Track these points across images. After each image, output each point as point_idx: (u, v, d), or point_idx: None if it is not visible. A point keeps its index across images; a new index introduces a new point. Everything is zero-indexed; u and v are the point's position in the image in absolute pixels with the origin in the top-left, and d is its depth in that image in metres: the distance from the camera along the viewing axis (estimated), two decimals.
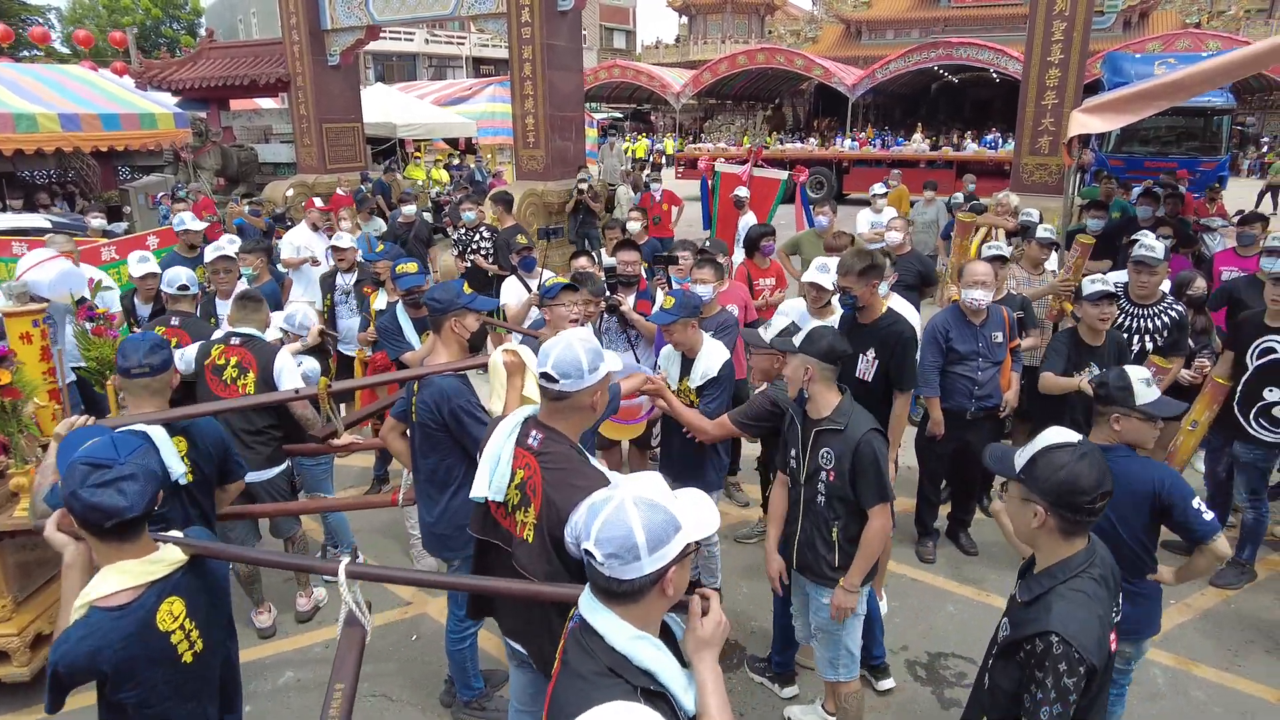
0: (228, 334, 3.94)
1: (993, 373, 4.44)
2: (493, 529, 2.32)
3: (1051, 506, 1.91)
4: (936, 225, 9.35)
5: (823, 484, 2.93)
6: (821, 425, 2.91)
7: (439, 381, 3.04)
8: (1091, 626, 1.86)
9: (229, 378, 3.85)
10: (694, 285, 4.36)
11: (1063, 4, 8.72)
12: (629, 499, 1.45)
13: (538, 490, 2.15)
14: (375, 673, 3.83)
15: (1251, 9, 32.06)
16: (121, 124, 12.01)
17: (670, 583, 1.47)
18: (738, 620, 4.17)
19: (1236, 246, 6.14)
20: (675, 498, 1.53)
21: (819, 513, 2.97)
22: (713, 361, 3.75)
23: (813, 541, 3.00)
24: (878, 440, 2.85)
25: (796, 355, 2.91)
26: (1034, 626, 1.90)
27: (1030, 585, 2.01)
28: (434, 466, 3.14)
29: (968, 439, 4.52)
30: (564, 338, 2.16)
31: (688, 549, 1.48)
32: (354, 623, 1.93)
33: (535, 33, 11.22)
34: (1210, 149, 14.41)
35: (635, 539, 1.41)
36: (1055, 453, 1.93)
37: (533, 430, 2.25)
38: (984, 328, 4.41)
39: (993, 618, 4.15)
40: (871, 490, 2.84)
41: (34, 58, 22.71)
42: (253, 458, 3.87)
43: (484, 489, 2.27)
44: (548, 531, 2.11)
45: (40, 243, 7.09)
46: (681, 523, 1.46)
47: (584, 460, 2.19)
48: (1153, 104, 5.88)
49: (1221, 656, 3.83)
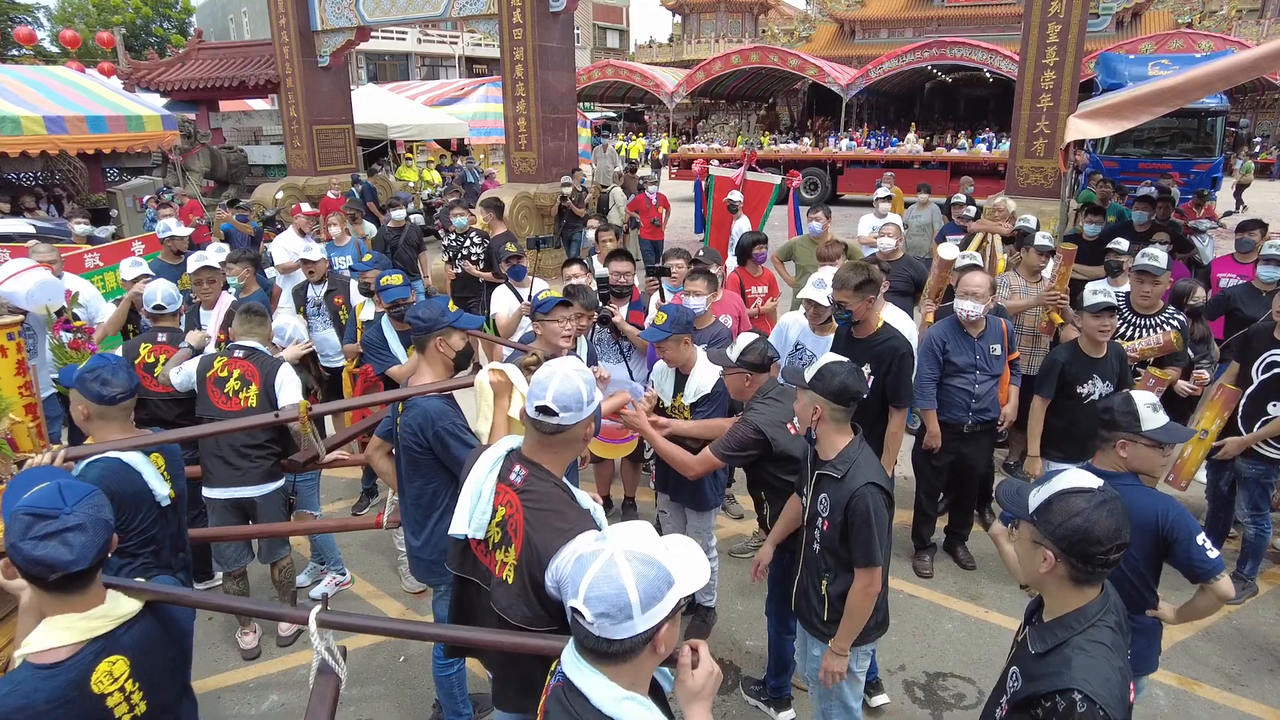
0: (231, 346, 3.90)
1: (990, 385, 4.37)
2: (471, 566, 2.22)
3: (1063, 554, 1.81)
4: (931, 229, 9.26)
5: (819, 531, 2.77)
6: (823, 469, 2.73)
7: (423, 403, 2.95)
8: (1114, 682, 1.75)
9: (231, 390, 3.80)
10: (686, 297, 4.28)
11: (1058, 6, 8.67)
12: (620, 554, 1.36)
13: (519, 530, 2.05)
14: (362, 695, 3.74)
15: (1243, 9, 32.15)
16: (108, 126, 11.90)
17: (662, 640, 1.39)
18: (732, 640, 4.09)
19: (1235, 253, 6.08)
20: (666, 549, 1.44)
21: (814, 561, 2.82)
22: (706, 378, 3.68)
23: (806, 590, 2.87)
24: (875, 497, 2.60)
25: (806, 392, 2.72)
26: (1053, 682, 1.78)
27: (1043, 635, 1.89)
28: (420, 490, 3.05)
29: (965, 451, 4.46)
30: (560, 369, 2.04)
31: (680, 604, 1.40)
32: (327, 670, 1.83)
33: (527, 34, 11.13)
34: (1204, 151, 14.39)
35: (628, 597, 1.32)
36: (1072, 498, 1.81)
37: (516, 465, 2.14)
38: (982, 340, 4.33)
39: (993, 636, 4.13)
40: (860, 549, 2.63)
41: (21, 58, 22.51)
42: (251, 472, 3.80)
43: (464, 525, 2.16)
44: (528, 574, 2.01)
45: (23, 250, 7.01)
46: (675, 577, 1.38)
47: (569, 499, 2.09)
48: (1151, 109, 5.82)
49: (1223, 676, 3.77)
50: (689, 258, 5.22)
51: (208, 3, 46.10)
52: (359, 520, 3.91)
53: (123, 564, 2.73)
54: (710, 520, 3.96)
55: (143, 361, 4.14)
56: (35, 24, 35.30)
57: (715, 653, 3.88)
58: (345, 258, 7.76)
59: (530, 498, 2.06)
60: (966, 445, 4.44)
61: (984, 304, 4.23)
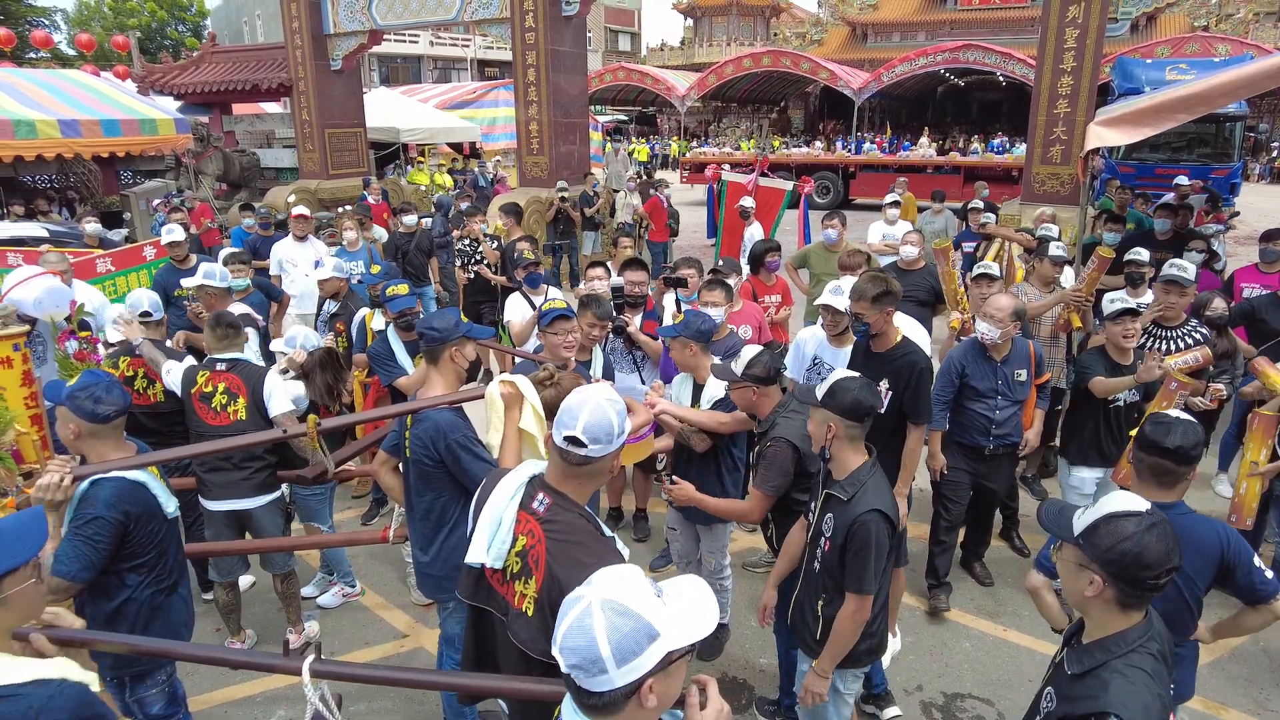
0: (211, 360, 3.78)
1: (1013, 411, 4.16)
2: (486, 595, 2.14)
3: (1111, 578, 1.76)
4: (946, 235, 9.15)
5: (820, 550, 2.71)
6: (832, 489, 2.67)
7: (434, 416, 2.89)
8: (1154, 710, 1.70)
9: (219, 405, 3.70)
10: (704, 309, 4.20)
11: (1076, 11, 8.56)
12: (597, 603, 1.26)
13: (540, 562, 1.97)
14: (369, 710, 3.70)
15: (1260, 12, 31.79)
16: (122, 130, 11.93)
17: (650, 695, 1.28)
18: (745, 657, 4.01)
19: (1259, 263, 5.97)
20: (659, 595, 1.32)
21: (813, 579, 2.77)
22: (720, 385, 3.61)
23: (803, 606, 2.83)
24: (878, 525, 2.54)
25: (819, 411, 2.64)
26: (1089, 705, 1.74)
27: (1081, 657, 1.85)
28: (429, 505, 2.99)
29: (983, 472, 4.28)
30: (593, 399, 1.96)
31: (672, 657, 1.29)
32: None
33: (539, 38, 11.10)
34: (1223, 156, 14.21)
35: (599, 650, 1.23)
36: (1121, 521, 1.76)
37: (539, 494, 2.05)
38: (1005, 364, 4.12)
39: (1011, 656, 4.04)
40: (854, 574, 2.57)
41: (38, 61, 22.69)
42: (244, 484, 3.75)
43: (482, 554, 2.07)
44: (549, 607, 1.92)
45: (36, 254, 7.01)
46: (659, 630, 1.26)
47: (594, 531, 2.01)
48: (1175, 116, 5.72)
49: (1250, 700, 3.67)
50: (700, 266, 5.15)
51: (222, 5, 46.41)
52: (365, 535, 3.85)
53: (140, 580, 2.73)
54: (724, 538, 3.88)
55: (121, 375, 4.08)
56: (52, 27, 35.63)
57: (728, 671, 3.85)
58: (357, 263, 7.73)
59: (554, 529, 1.98)
60: (985, 466, 4.26)
61: (1001, 328, 4.00)
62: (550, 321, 3.54)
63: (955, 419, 4.22)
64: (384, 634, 4.27)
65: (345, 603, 4.52)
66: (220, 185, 13.67)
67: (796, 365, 4.35)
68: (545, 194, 11.55)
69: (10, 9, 31.11)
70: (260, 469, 3.80)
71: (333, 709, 1.84)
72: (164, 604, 2.80)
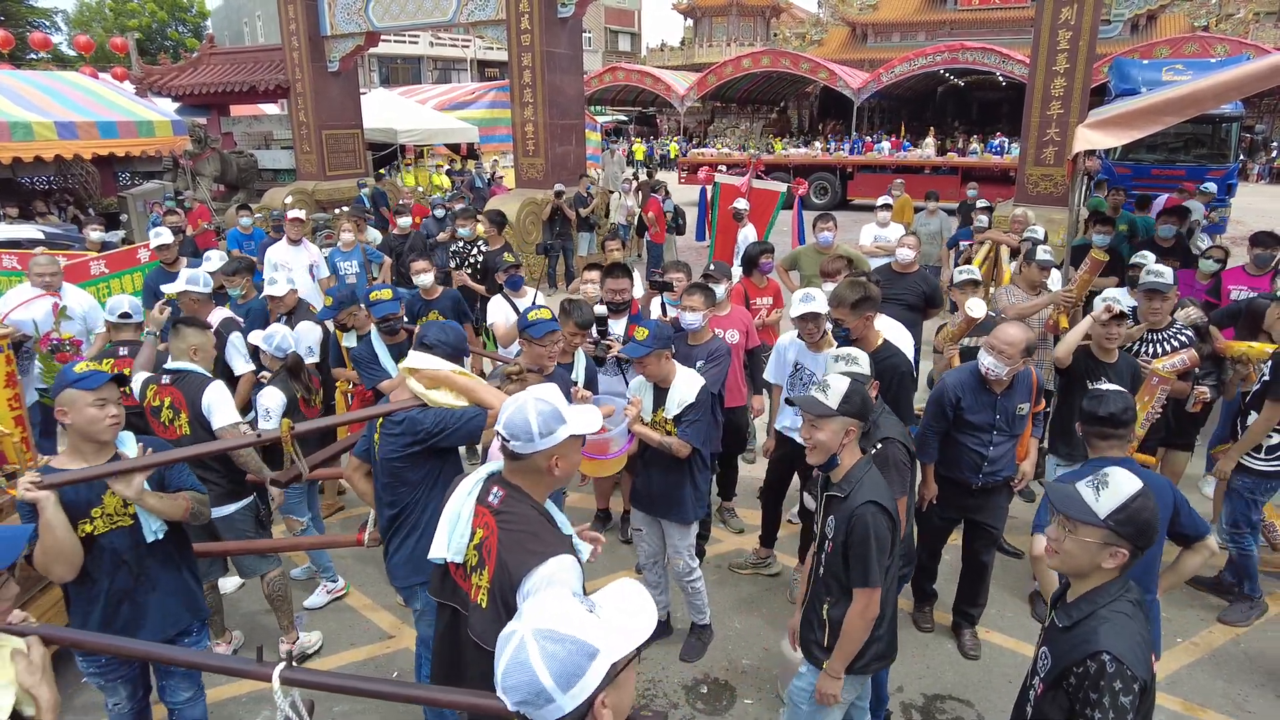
0: (161, 371, 3.70)
1: (1008, 447, 3.79)
2: (451, 592, 2.20)
3: (1136, 549, 1.97)
4: (940, 236, 9.17)
5: (824, 554, 2.71)
6: (830, 491, 2.69)
7: (410, 413, 2.94)
8: (1138, 644, 1.91)
9: (166, 420, 3.63)
10: (682, 313, 4.22)
11: (1068, 13, 8.58)
12: (529, 635, 1.23)
13: (492, 552, 2.03)
14: (352, 710, 3.72)
15: (1260, 12, 31.75)
16: (119, 132, 11.95)
17: (604, 710, 1.27)
18: (729, 659, 4.03)
19: (1247, 265, 5.99)
20: (592, 609, 1.29)
21: (818, 585, 2.76)
22: (689, 389, 3.61)
23: (809, 617, 2.82)
24: (876, 516, 2.55)
25: (836, 419, 2.61)
26: (1083, 650, 1.93)
27: (1070, 611, 2.04)
28: (398, 507, 3.03)
29: (971, 506, 3.89)
30: (521, 398, 2.06)
31: (617, 668, 1.27)
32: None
33: (535, 40, 11.13)
34: (1219, 157, 14.20)
35: (541, 683, 1.20)
36: (1141, 499, 1.97)
37: (494, 488, 2.13)
38: (1006, 397, 3.70)
39: (993, 657, 4.05)
40: (858, 569, 2.57)
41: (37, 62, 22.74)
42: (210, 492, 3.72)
43: (443, 550, 2.15)
44: (500, 597, 1.98)
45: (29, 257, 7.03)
46: (597, 646, 1.24)
47: (546, 523, 2.07)
48: (1163, 119, 5.71)
49: (1230, 701, 3.68)
50: (689, 270, 5.17)
51: (223, 6, 46.46)
52: (343, 538, 3.87)
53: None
54: (690, 537, 3.85)
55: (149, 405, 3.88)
56: (52, 28, 35.67)
57: (711, 672, 3.88)
58: (351, 263, 7.77)
59: (505, 519, 2.05)
60: (973, 500, 3.87)
61: (1009, 365, 3.55)
62: (544, 334, 3.57)
63: (943, 451, 3.85)
64: (369, 635, 4.30)
65: (332, 602, 4.55)
66: (218, 186, 13.71)
67: (779, 371, 4.36)
68: (541, 195, 11.58)
69: (10, 10, 31.17)
70: (217, 481, 3.69)
71: (302, 714, 1.86)
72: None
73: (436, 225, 9.67)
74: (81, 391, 2.55)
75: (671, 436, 3.61)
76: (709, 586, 4.23)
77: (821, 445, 2.64)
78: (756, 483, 5.17)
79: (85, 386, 2.56)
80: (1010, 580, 4.62)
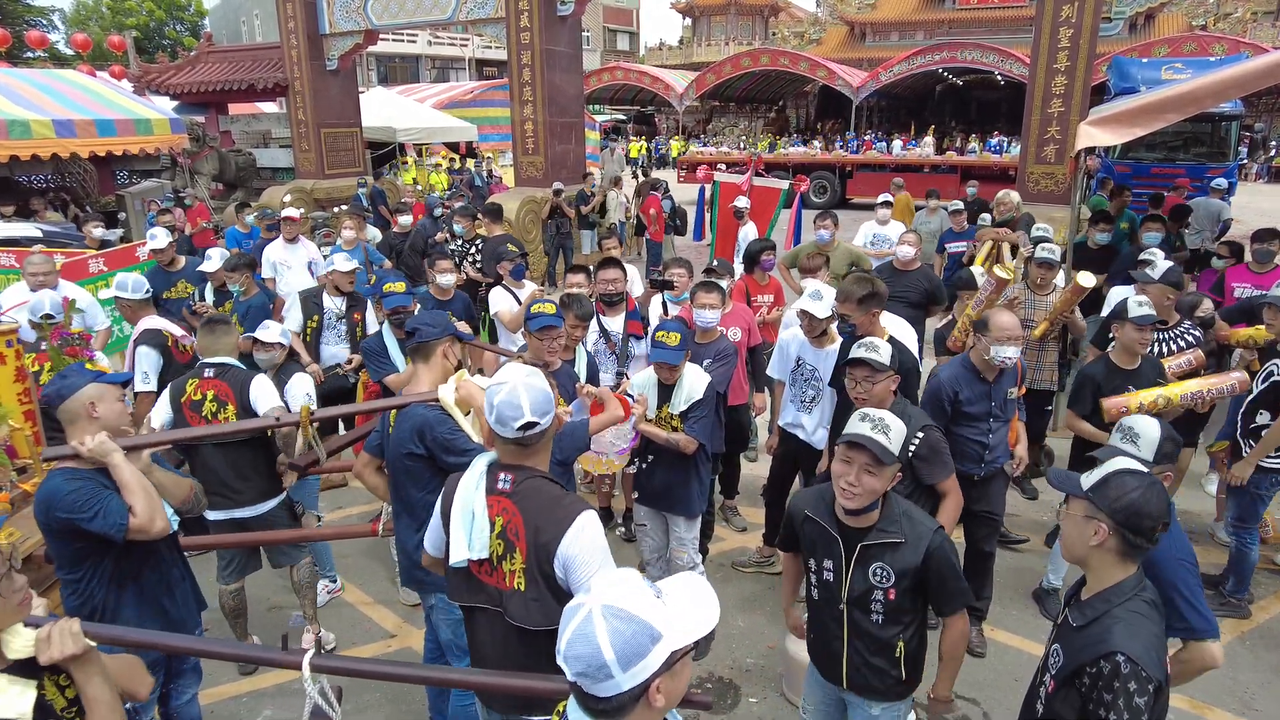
0: (200, 365, 3.76)
1: (1004, 434, 3.90)
2: (476, 591, 2.17)
3: (1117, 526, 1.97)
4: (939, 236, 9.16)
5: (879, 604, 2.42)
6: (869, 539, 2.38)
7: (419, 411, 2.91)
8: (1153, 644, 1.90)
9: (209, 412, 3.67)
10: (698, 310, 4.19)
11: (1069, 11, 8.57)
12: (598, 609, 1.26)
13: (520, 532, 2.05)
14: (355, 707, 3.70)
15: (1258, 11, 31.79)
16: (116, 130, 11.89)
17: (659, 694, 1.29)
18: (732, 657, 4.02)
19: (1251, 262, 5.98)
20: (659, 595, 1.32)
21: (877, 636, 2.46)
22: (697, 385, 3.66)
23: (873, 664, 2.49)
24: (947, 542, 2.40)
25: (858, 452, 2.29)
26: (1097, 650, 1.92)
27: (1084, 610, 2.03)
28: (412, 500, 3.00)
29: (974, 497, 3.83)
30: (511, 379, 2.08)
31: (675, 656, 1.29)
32: (321, 715, 1.79)
33: (534, 38, 11.11)
34: (1218, 155, 14.20)
35: (604, 657, 1.23)
36: (1126, 476, 2.00)
37: (500, 474, 2.14)
38: (998, 384, 3.80)
39: (998, 654, 4.04)
40: (951, 598, 2.41)
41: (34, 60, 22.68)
42: (248, 492, 3.74)
43: (464, 551, 2.11)
44: (538, 569, 2.01)
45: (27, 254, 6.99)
46: (661, 631, 1.26)
47: (560, 487, 2.13)
48: (1164, 116, 5.71)
49: (1235, 699, 3.67)
50: (690, 268, 5.15)
51: (220, 5, 46.35)
52: (356, 528, 3.86)
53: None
54: (694, 531, 3.90)
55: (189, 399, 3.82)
56: (49, 26, 35.59)
57: (714, 671, 3.85)
58: (352, 262, 7.74)
59: (522, 497, 2.09)
60: (976, 491, 3.85)
61: (1019, 346, 3.66)
62: (540, 328, 3.56)
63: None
64: (372, 634, 4.28)
65: (332, 601, 4.53)
66: (216, 185, 13.66)
67: (781, 367, 4.35)
68: (540, 193, 11.56)
69: (7, 9, 31.09)
70: (257, 478, 3.76)
71: (332, 702, 1.85)
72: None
73: (434, 225, 9.65)
74: (111, 386, 2.69)
75: (678, 433, 3.61)
76: (713, 585, 4.18)
77: (871, 492, 2.31)
78: (759, 481, 5.16)
79: (113, 381, 2.71)
80: (1016, 580, 4.61)
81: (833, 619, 2.52)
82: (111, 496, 2.47)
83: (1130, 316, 3.91)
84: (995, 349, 3.62)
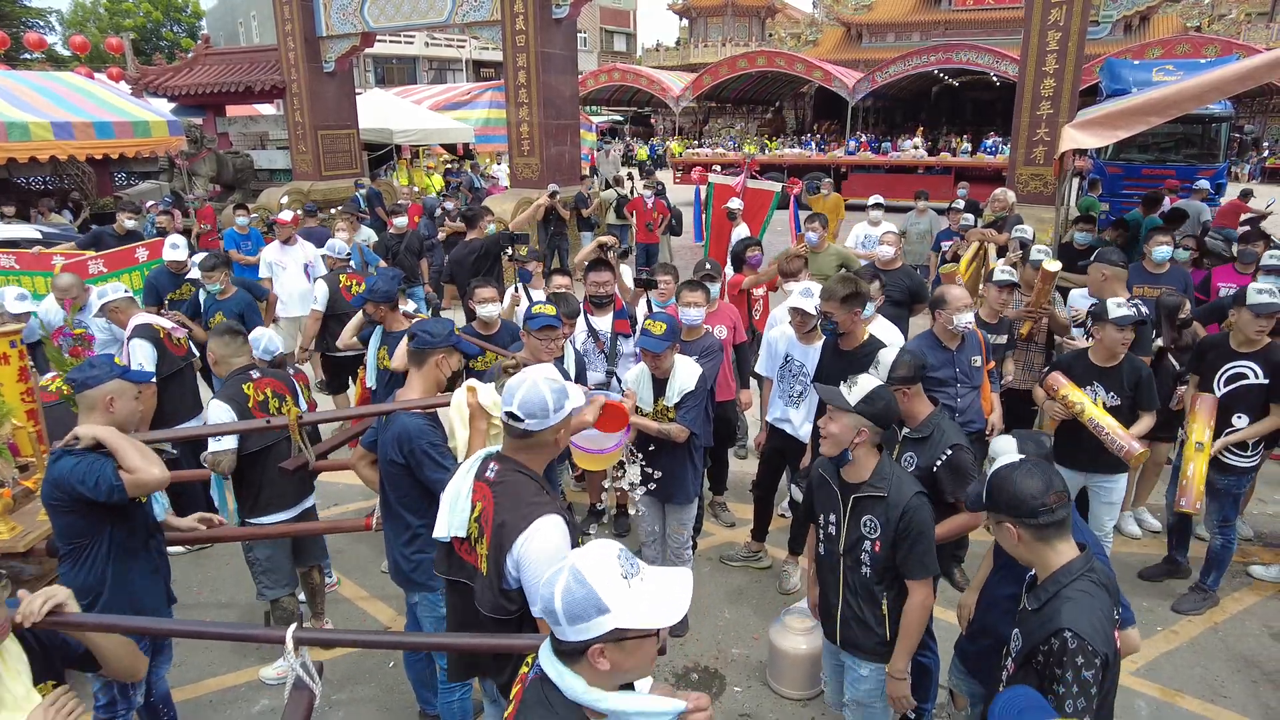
0: (245, 369, 3.84)
1: (973, 397, 4.22)
2: (458, 566, 2.31)
3: (1016, 519, 2.09)
4: (929, 236, 9.27)
5: (867, 555, 2.69)
6: (861, 491, 2.67)
7: (404, 420, 2.98)
8: (1098, 621, 1.99)
9: (274, 409, 3.77)
10: (684, 309, 4.31)
11: (1058, 14, 8.68)
12: (567, 566, 1.43)
13: (489, 519, 2.16)
14: (350, 698, 3.79)
15: (1252, 12, 31.94)
16: (115, 132, 11.98)
17: (600, 659, 1.41)
18: (719, 648, 4.11)
19: (1236, 263, 6.08)
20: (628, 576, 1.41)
21: (866, 586, 2.73)
22: (689, 377, 3.79)
23: (861, 618, 2.77)
24: (926, 508, 2.63)
25: (849, 415, 2.62)
26: (1047, 629, 2.02)
27: (1038, 594, 2.13)
28: (399, 501, 3.09)
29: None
30: (530, 377, 2.17)
31: (625, 634, 1.40)
32: (302, 687, 1.87)
33: (530, 40, 11.19)
34: (1209, 156, 14.32)
35: (554, 605, 1.41)
36: (1000, 474, 2.14)
37: (492, 463, 2.26)
38: (960, 353, 4.15)
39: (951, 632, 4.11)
40: (917, 561, 2.61)
41: (31, 62, 22.72)
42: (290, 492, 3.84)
43: (444, 528, 2.28)
44: (495, 561, 2.12)
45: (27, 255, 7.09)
46: (610, 606, 1.38)
47: (539, 487, 2.20)
48: (1146, 119, 5.81)
49: (1206, 687, 3.77)
50: (676, 273, 5.25)
51: (218, 6, 46.37)
52: (348, 522, 3.95)
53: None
54: (690, 512, 4.09)
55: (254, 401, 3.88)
56: (47, 28, 35.58)
57: (700, 660, 3.95)
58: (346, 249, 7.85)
59: (499, 489, 2.19)
60: None
61: (974, 309, 4.13)
62: (541, 327, 3.66)
63: None
64: (368, 626, 4.37)
65: (329, 595, 4.61)
66: (214, 186, 13.73)
67: (769, 363, 4.46)
68: (536, 195, 11.64)
69: (4, 10, 31.10)
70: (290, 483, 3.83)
71: (313, 674, 1.94)
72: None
73: (432, 225, 9.75)
74: (131, 385, 2.83)
75: (670, 424, 3.74)
76: (701, 578, 4.31)
77: (833, 437, 2.66)
78: (747, 478, 5.25)
79: (135, 379, 2.87)
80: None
81: (831, 571, 2.83)
82: (106, 462, 2.67)
83: (1111, 318, 3.96)
84: (956, 317, 4.05)
